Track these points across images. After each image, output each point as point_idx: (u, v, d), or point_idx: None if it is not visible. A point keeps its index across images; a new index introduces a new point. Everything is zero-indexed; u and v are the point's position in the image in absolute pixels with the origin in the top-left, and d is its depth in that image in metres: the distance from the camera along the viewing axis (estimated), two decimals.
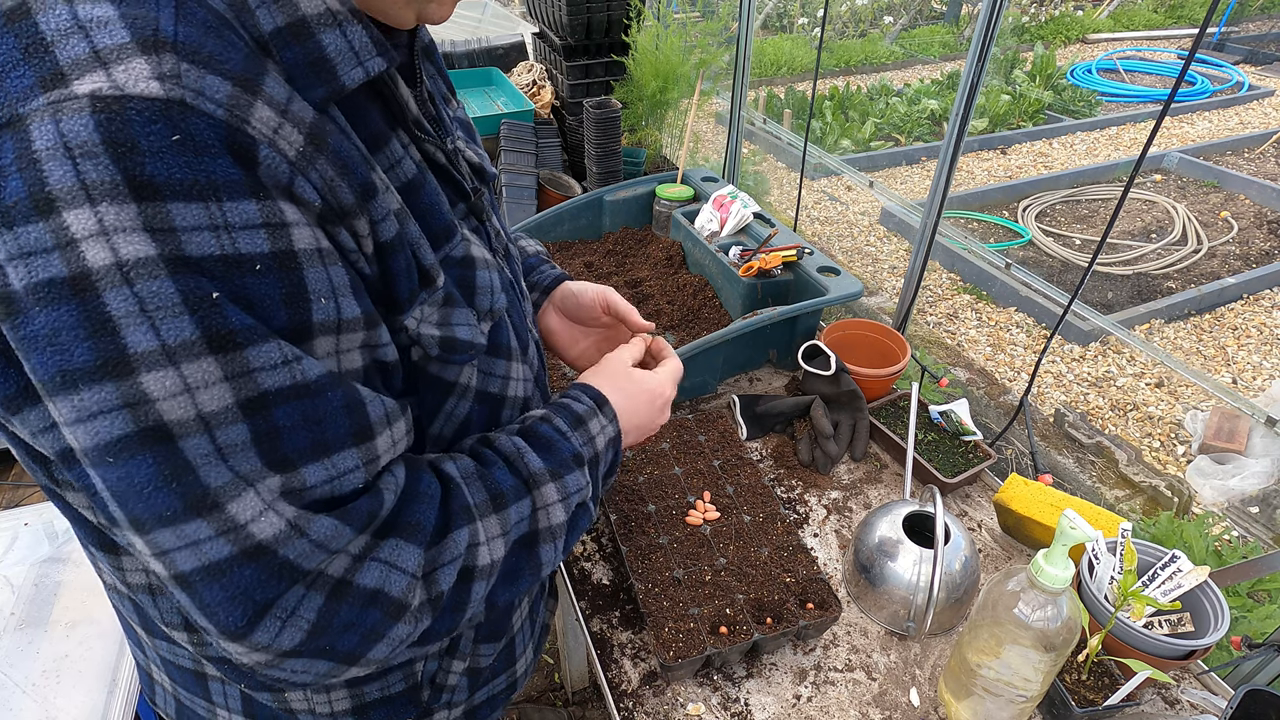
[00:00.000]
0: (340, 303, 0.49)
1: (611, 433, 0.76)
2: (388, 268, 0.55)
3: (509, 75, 2.43)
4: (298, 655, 0.50)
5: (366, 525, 0.52)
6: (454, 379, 0.64)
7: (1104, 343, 3.63)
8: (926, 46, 7.66)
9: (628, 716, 0.96)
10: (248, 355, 0.44)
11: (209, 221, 0.43)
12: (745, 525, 1.12)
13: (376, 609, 0.52)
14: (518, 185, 1.91)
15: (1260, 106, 6.50)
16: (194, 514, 0.44)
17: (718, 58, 2.13)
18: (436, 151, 0.63)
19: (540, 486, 0.66)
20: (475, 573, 0.60)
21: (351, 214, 0.50)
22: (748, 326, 1.37)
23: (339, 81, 0.51)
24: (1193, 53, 1.11)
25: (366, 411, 0.51)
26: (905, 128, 5.71)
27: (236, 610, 0.47)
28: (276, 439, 0.46)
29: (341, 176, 0.49)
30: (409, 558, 0.54)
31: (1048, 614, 0.79)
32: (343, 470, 0.50)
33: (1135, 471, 2.72)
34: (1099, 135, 5.92)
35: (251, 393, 0.45)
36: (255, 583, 0.47)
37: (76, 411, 0.42)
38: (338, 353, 0.50)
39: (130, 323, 0.41)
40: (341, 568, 0.50)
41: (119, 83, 0.40)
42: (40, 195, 0.40)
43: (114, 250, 0.40)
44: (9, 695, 1.11)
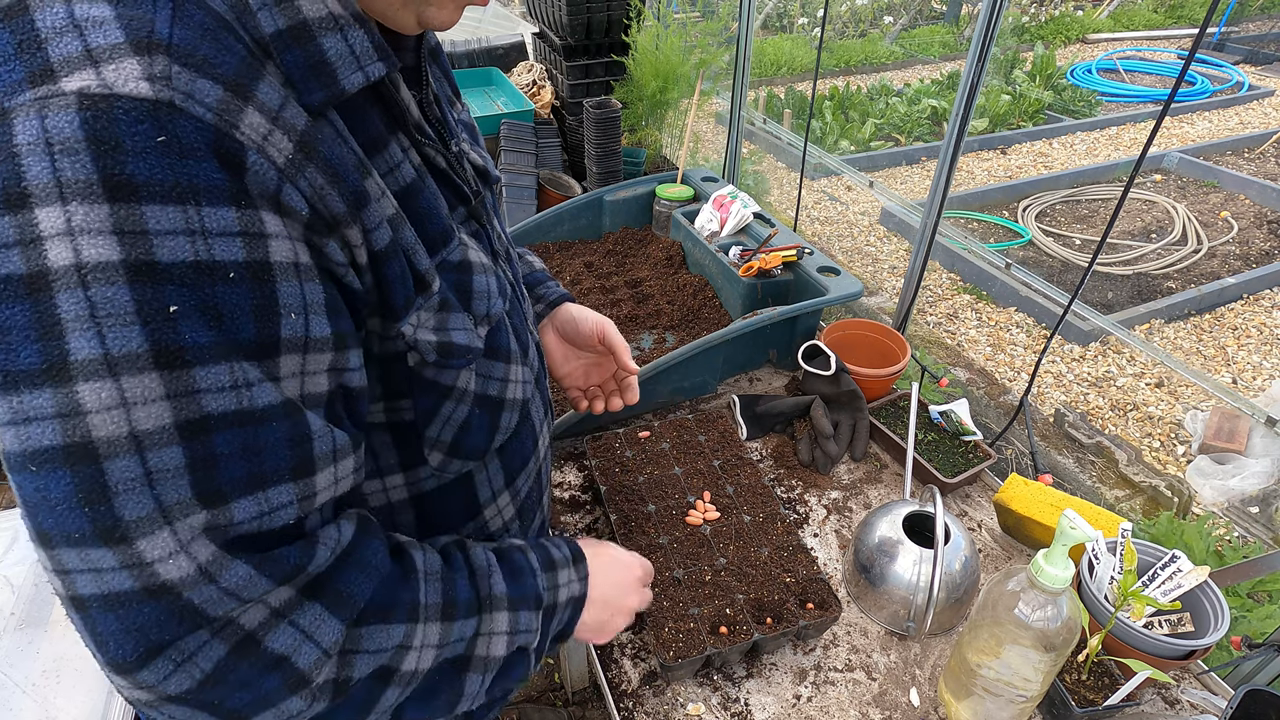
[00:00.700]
0: (310, 320, 0.48)
1: (577, 591, 0.74)
2: (382, 276, 0.54)
3: (509, 75, 2.43)
4: (181, 702, 0.47)
5: (289, 578, 0.49)
6: (451, 383, 0.63)
7: (1104, 343, 3.63)
8: (926, 46, 7.66)
9: (628, 716, 0.96)
10: (195, 374, 0.43)
11: (185, 226, 0.42)
12: (745, 525, 1.12)
13: (277, 675, 0.49)
14: (518, 185, 1.91)
15: (1260, 106, 6.50)
16: (100, 542, 0.42)
17: (718, 58, 2.13)
18: (437, 156, 0.63)
19: (494, 611, 0.64)
20: (394, 677, 0.57)
21: (342, 222, 0.49)
22: (748, 326, 1.37)
23: (339, 85, 0.50)
24: (1193, 53, 1.11)
25: (312, 446, 0.49)
26: (905, 128, 5.71)
27: (128, 644, 0.44)
28: (212, 467, 0.44)
29: (332, 185, 0.49)
30: (327, 631, 0.51)
31: (1048, 614, 0.79)
32: (275, 505, 0.48)
33: (1135, 471, 2.72)
34: (1099, 135, 5.92)
35: (193, 415, 0.43)
36: (153, 621, 0.44)
37: (12, 413, 0.41)
38: (303, 374, 0.48)
39: (77, 328, 0.40)
40: (255, 621, 0.48)
41: (108, 81, 0.40)
42: (14, 189, 0.39)
43: (76, 251, 0.40)
44: (9, 695, 1.11)
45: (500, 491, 0.74)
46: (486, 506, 0.73)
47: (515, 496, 0.77)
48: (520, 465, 0.76)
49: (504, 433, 0.71)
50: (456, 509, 0.71)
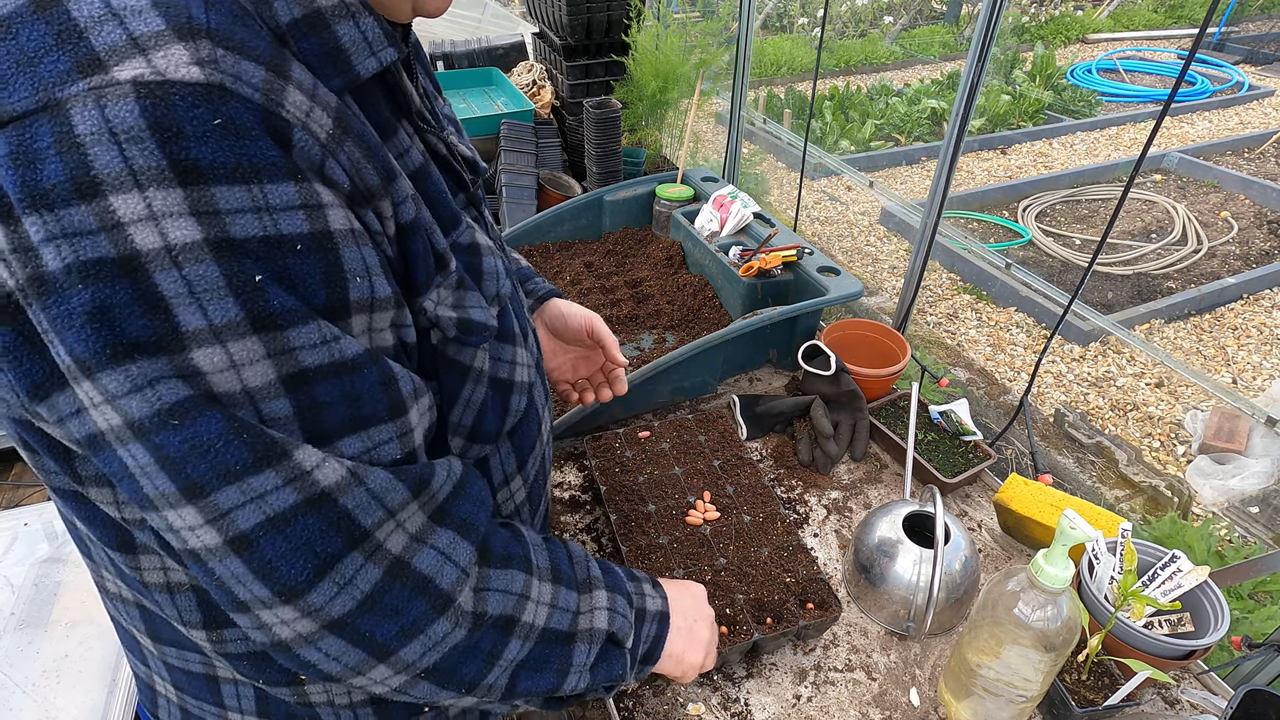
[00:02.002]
0: (374, 282, 0.51)
1: (660, 606, 0.77)
2: (407, 250, 0.56)
3: (509, 75, 2.43)
4: (341, 629, 0.51)
5: (419, 490, 0.54)
6: (469, 362, 0.65)
7: (1104, 343, 3.63)
8: (926, 46, 7.66)
9: (628, 716, 0.96)
10: (289, 335, 0.46)
11: (251, 204, 0.44)
12: (745, 525, 1.12)
13: (424, 599, 0.54)
14: (518, 185, 1.91)
15: (1260, 106, 6.50)
16: (264, 464, 0.46)
17: (718, 58, 2.13)
18: (438, 142, 0.65)
19: (593, 590, 0.69)
20: (516, 627, 0.61)
21: (377, 195, 0.52)
22: (748, 326, 1.37)
23: (354, 71, 0.52)
24: (1193, 53, 1.11)
25: (399, 387, 0.53)
26: (905, 128, 5.71)
27: (298, 564, 0.48)
28: (317, 413, 0.48)
29: (366, 159, 0.51)
30: (462, 552, 0.56)
31: (1048, 614, 0.79)
32: (379, 442, 0.52)
33: (1135, 471, 2.72)
34: (1099, 135, 5.92)
35: (293, 369, 0.47)
36: (317, 534, 0.48)
37: (131, 382, 0.43)
38: (370, 330, 0.52)
39: (180, 302, 0.43)
40: (400, 546, 0.52)
41: (160, 68, 0.41)
42: (84, 179, 0.40)
43: (163, 235, 0.42)
44: (9, 695, 1.11)
45: (513, 475, 0.76)
46: (500, 490, 0.75)
47: (525, 480, 0.79)
48: (529, 448, 0.78)
49: (514, 415, 0.72)
50: None
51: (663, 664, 0.78)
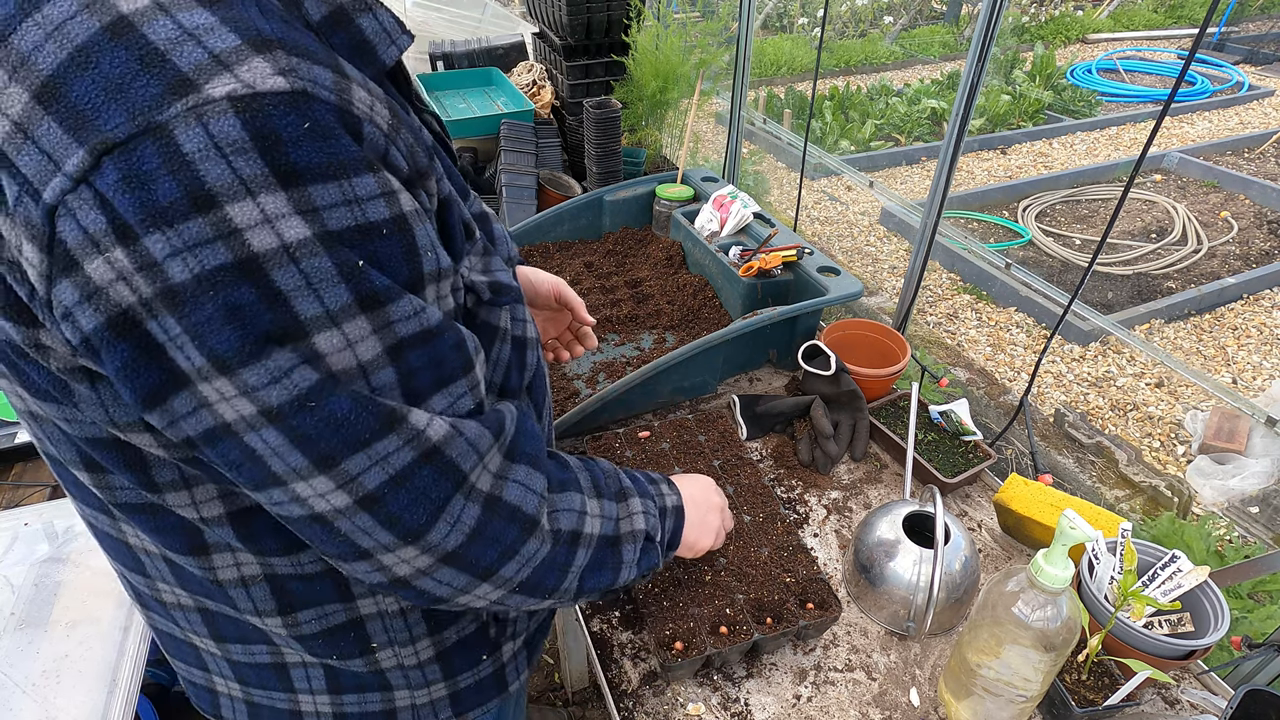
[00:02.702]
0: (438, 254, 0.55)
1: (675, 502, 0.86)
2: (445, 222, 0.60)
3: (509, 75, 2.43)
4: (453, 562, 0.58)
5: (499, 434, 0.61)
6: (497, 323, 0.69)
7: (1104, 343, 3.63)
8: (926, 46, 7.66)
9: (628, 716, 0.96)
10: (389, 310, 0.51)
11: (343, 198, 0.47)
12: (745, 525, 1.12)
13: (515, 525, 0.61)
14: (518, 185, 1.91)
15: (1260, 106, 6.50)
16: (387, 430, 0.52)
17: (718, 58, 2.13)
18: (432, 121, 0.68)
19: (628, 499, 0.78)
20: (581, 539, 0.69)
21: (425, 175, 0.56)
22: (748, 326, 1.37)
23: (380, 60, 0.56)
24: (1193, 53, 1.11)
25: (468, 347, 0.58)
26: (905, 128, 5.71)
27: (419, 510, 0.55)
28: (412, 378, 0.54)
29: (416, 143, 0.55)
30: (537, 481, 0.64)
31: (1048, 614, 0.79)
32: (457, 396, 0.58)
33: (1135, 471, 2.72)
34: (1099, 135, 5.92)
35: (393, 341, 0.52)
36: (431, 482, 0.55)
37: (270, 374, 0.47)
38: (438, 298, 0.56)
39: (298, 295, 0.47)
40: (488, 484, 0.59)
41: (248, 81, 0.44)
42: (199, 193, 0.43)
43: (279, 235, 0.45)
44: (9, 695, 1.11)
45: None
46: None
47: (543, 430, 0.83)
48: (542, 400, 0.83)
49: (530, 370, 0.77)
50: None
51: (680, 550, 0.88)
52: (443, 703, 0.81)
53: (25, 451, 1.52)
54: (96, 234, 0.43)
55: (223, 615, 0.71)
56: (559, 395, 1.41)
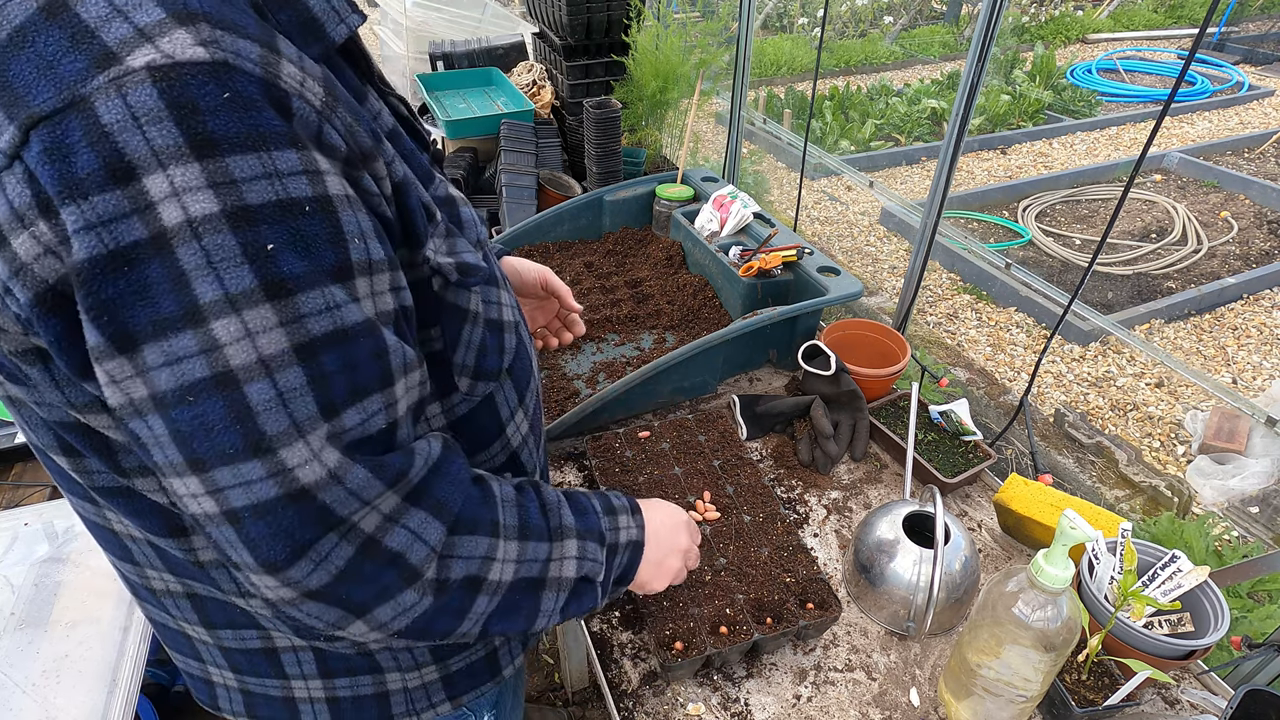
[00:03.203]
0: (369, 244, 0.53)
1: (635, 536, 0.81)
2: (404, 205, 0.59)
3: (509, 75, 2.43)
4: (319, 598, 0.54)
5: (395, 481, 0.56)
6: (467, 305, 0.69)
7: (1104, 343, 3.63)
8: (926, 46, 7.66)
9: (628, 716, 0.96)
10: (298, 301, 0.48)
11: (262, 170, 0.46)
12: (745, 525, 1.12)
13: (394, 570, 0.57)
14: (518, 185, 1.90)
15: (1260, 106, 6.50)
16: (251, 454, 0.48)
17: (718, 58, 2.13)
18: (399, 104, 0.68)
19: (564, 539, 0.72)
20: (483, 585, 0.64)
21: (371, 156, 0.55)
22: (748, 326, 1.37)
23: (329, 38, 0.55)
24: (1193, 53, 1.11)
25: (389, 359, 0.55)
26: (905, 128, 5.71)
27: (278, 546, 0.51)
28: (325, 383, 0.50)
29: (357, 122, 0.54)
30: (432, 532, 0.59)
31: (1048, 614, 0.79)
32: (370, 413, 0.54)
33: (1135, 471, 2.72)
34: (1099, 135, 5.92)
35: (303, 338, 0.49)
36: (295, 524, 0.51)
37: (165, 356, 0.46)
38: (373, 294, 0.54)
39: (199, 275, 0.45)
40: (373, 525, 0.55)
41: (168, 52, 0.44)
42: (117, 165, 0.43)
43: (184, 209, 0.44)
44: (9, 695, 1.11)
45: (516, 409, 0.81)
46: (508, 424, 0.80)
47: (526, 412, 0.83)
48: (526, 383, 0.82)
49: (509, 353, 0.76)
50: (489, 429, 0.78)
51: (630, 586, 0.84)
52: (435, 686, 0.81)
53: (25, 451, 1.52)
54: (22, 208, 0.44)
55: (211, 600, 0.70)
56: (559, 395, 1.41)
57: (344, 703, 0.78)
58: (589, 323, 1.55)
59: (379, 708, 0.79)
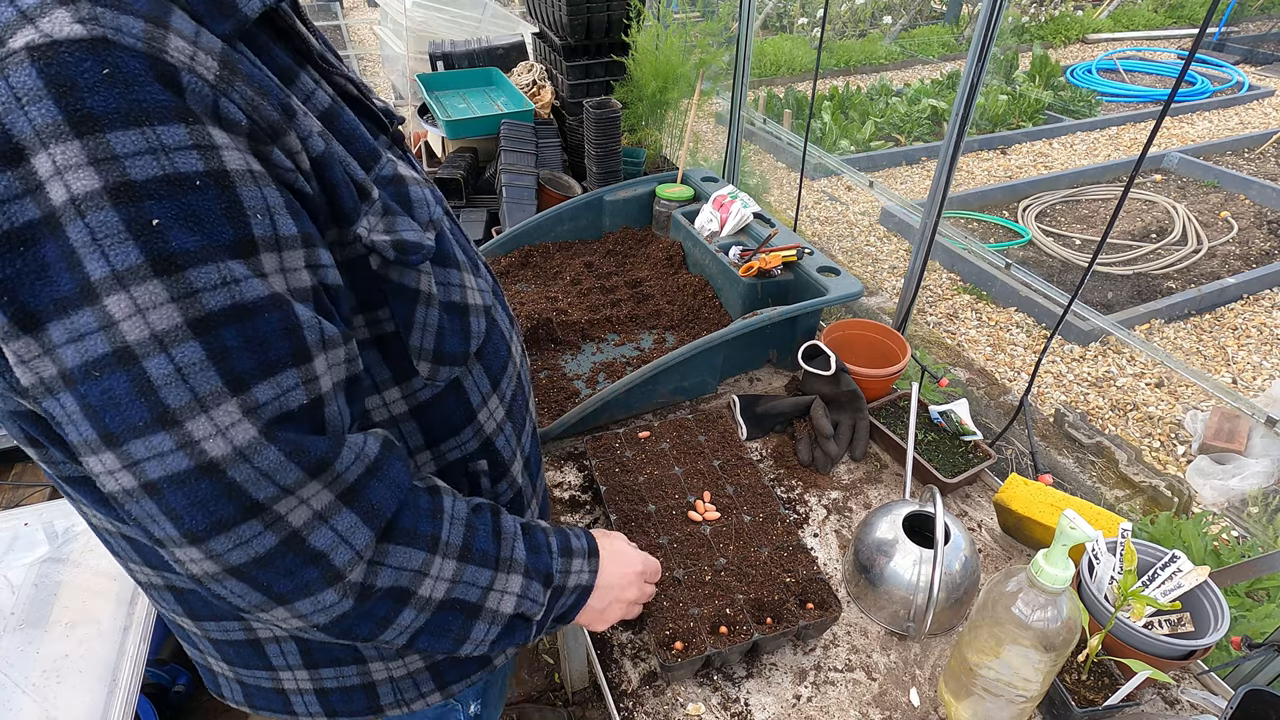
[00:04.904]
0: (276, 220, 0.52)
1: (585, 581, 0.81)
2: (327, 181, 0.58)
3: (509, 75, 2.43)
4: (240, 577, 0.54)
5: (319, 470, 0.55)
6: (415, 285, 0.67)
7: (1104, 343, 3.63)
8: (926, 46, 7.65)
9: (628, 716, 0.96)
10: (189, 276, 0.48)
11: (147, 145, 0.46)
12: (745, 525, 1.12)
13: (316, 569, 0.56)
14: (518, 185, 1.90)
15: (1260, 106, 6.49)
16: (159, 426, 0.49)
17: (718, 58, 2.13)
18: (347, 83, 0.68)
19: (510, 573, 0.71)
20: (411, 599, 0.64)
21: (280, 130, 0.54)
22: (748, 326, 1.37)
23: (241, 13, 0.54)
24: (1193, 53, 1.11)
25: (304, 334, 0.54)
26: (905, 128, 5.71)
27: (197, 516, 0.51)
28: (228, 358, 0.50)
29: (261, 96, 0.53)
30: (360, 537, 0.59)
31: (1047, 614, 0.79)
32: (286, 388, 0.53)
33: (1135, 471, 2.72)
34: (1099, 135, 5.92)
35: (198, 313, 0.48)
36: (211, 496, 0.51)
37: (69, 334, 0.47)
38: (283, 270, 0.53)
39: (88, 252, 0.45)
40: (301, 520, 0.55)
41: (47, 31, 0.44)
42: (5, 146, 0.44)
43: (67, 187, 0.44)
44: (9, 695, 1.11)
45: (489, 395, 0.80)
46: (479, 410, 0.79)
47: (503, 399, 0.83)
48: (500, 368, 0.82)
49: (477, 337, 0.76)
50: (456, 415, 0.77)
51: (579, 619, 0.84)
52: (423, 676, 0.81)
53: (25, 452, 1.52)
54: None
55: (190, 592, 0.71)
56: (559, 395, 1.41)
57: (332, 694, 0.78)
58: (589, 323, 1.55)
59: (367, 698, 0.79)
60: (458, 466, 0.79)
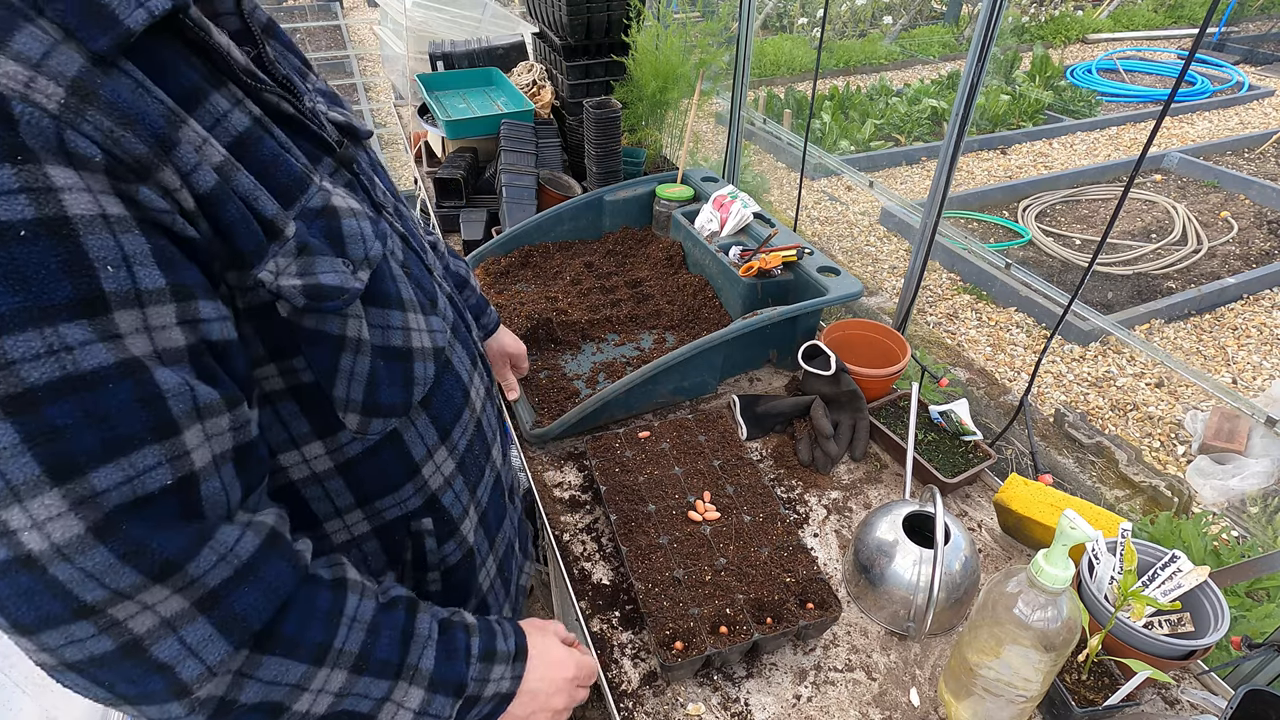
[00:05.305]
0: (136, 271, 0.46)
1: (506, 689, 0.73)
2: (218, 221, 0.52)
3: (509, 75, 2.43)
4: (79, 673, 0.49)
5: (163, 573, 0.48)
6: (339, 332, 0.61)
7: (1104, 343, 3.63)
8: (926, 46, 7.66)
9: (628, 716, 0.96)
10: (4, 346, 0.42)
11: None
12: (745, 525, 1.12)
13: (161, 679, 0.50)
14: (518, 185, 1.90)
15: (1260, 106, 6.50)
16: None
17: (718, 58, 2.13)
18: (282, 102, 0.61)
19: (411, 684, 0.64)
20: (284, 713, 0.57)
21: (149, 165, 0.47)
22: (748, 326, 1.37)
23: (122, 26, 0.47)
24: (1193, 53, 1.11)
25: (167, 404, 0.48)
26: (905, 128, 5.71)
27: (24, 608, 0.46)
28: (55, 440, 0.43)
29: (125, 127, 0.46)
30: (213, 651, 0.51)
31: (1048, 614, 0.79)
32: (141, 469, 0.47)
33: (1135, 471, 2.72)
34: (1099, 135, 5.92)
35: (14, 389, 0.42)
36: (35, 589, 0.45)
37: None
38: (147, 329, 0.47)
39: None
40: (144, 628, 0.48)
41: None
42: None
43: None
44: (9, 695, 1.11)
45: (435, 447, 0.73)
46: (424, 464, 0.72)
47: (453, 450, 0.76)
48: (452, 416, 0.75)
49: (422, 384, 0.69)
50: (394, 470, 0.70)
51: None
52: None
53: None
54: None
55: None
56: (559, 395, 1.41)
57: None
58: (589, 323, 1.55)
59: None
60: (398, 525, 0.73)
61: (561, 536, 1.19)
